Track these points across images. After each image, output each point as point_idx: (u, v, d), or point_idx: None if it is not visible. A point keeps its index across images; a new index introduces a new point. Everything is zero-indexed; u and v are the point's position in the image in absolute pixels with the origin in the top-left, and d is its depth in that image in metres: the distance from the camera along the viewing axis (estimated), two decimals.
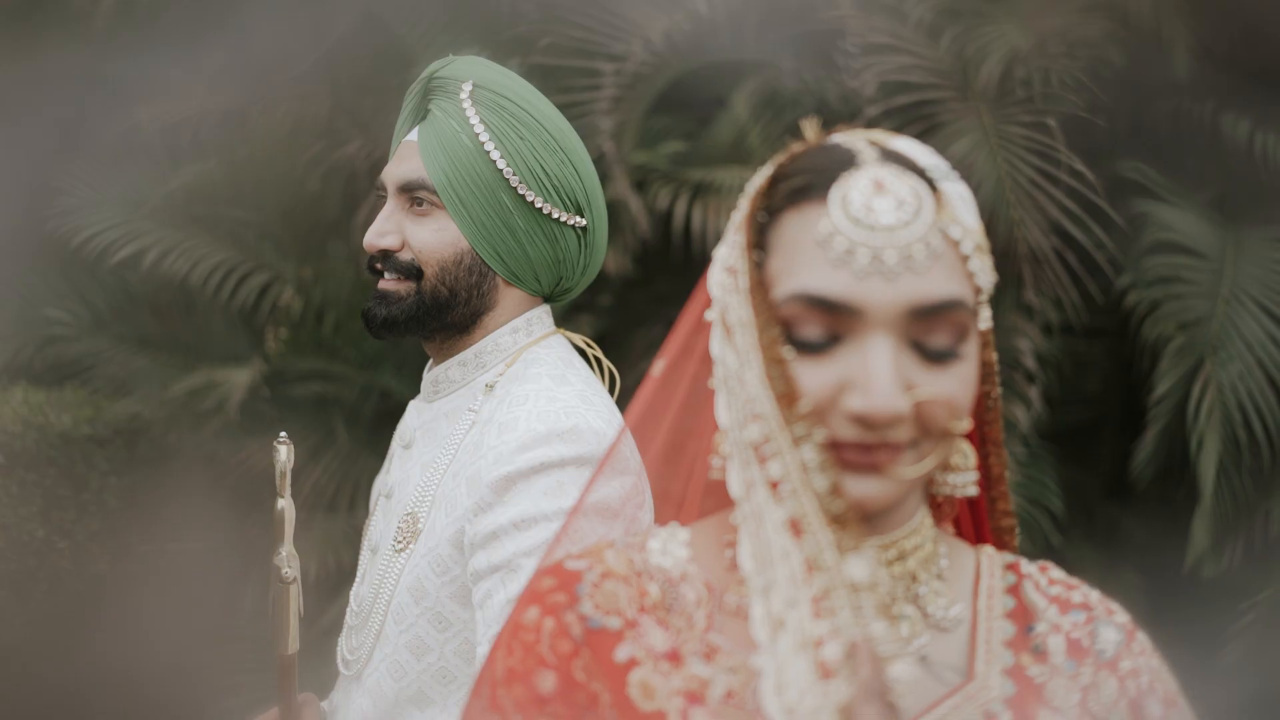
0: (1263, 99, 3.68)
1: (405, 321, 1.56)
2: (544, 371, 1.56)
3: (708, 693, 0.91)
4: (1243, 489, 3.47)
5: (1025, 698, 0.95)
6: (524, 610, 0.95)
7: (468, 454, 1.53)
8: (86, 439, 3.63)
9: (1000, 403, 1.03)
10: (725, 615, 0.94)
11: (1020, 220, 3.24)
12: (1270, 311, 3.50)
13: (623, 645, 0.93)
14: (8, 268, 4.14)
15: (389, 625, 1.53)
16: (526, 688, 0.92)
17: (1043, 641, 0.97)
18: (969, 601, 0.99)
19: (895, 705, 0.79)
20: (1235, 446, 3.41)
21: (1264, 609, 3.56)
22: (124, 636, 3.55)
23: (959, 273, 0.90)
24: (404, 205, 1.57)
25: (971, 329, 0.91)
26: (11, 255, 4.12)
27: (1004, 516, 1.05)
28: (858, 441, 0.88)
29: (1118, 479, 3.79)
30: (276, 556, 1.57)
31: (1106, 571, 3.97)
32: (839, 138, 0.94)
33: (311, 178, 3.98)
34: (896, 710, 0.79)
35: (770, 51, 3.72)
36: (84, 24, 4.07)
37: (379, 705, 1.53)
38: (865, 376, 0.87)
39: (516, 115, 1.55)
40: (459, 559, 1.49)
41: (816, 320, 0.89)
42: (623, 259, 3.62)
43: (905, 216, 0.88)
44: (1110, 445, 3.96)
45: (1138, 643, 1.00)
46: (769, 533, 0.88)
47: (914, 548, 0.96)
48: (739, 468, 0.91)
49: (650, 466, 1.03)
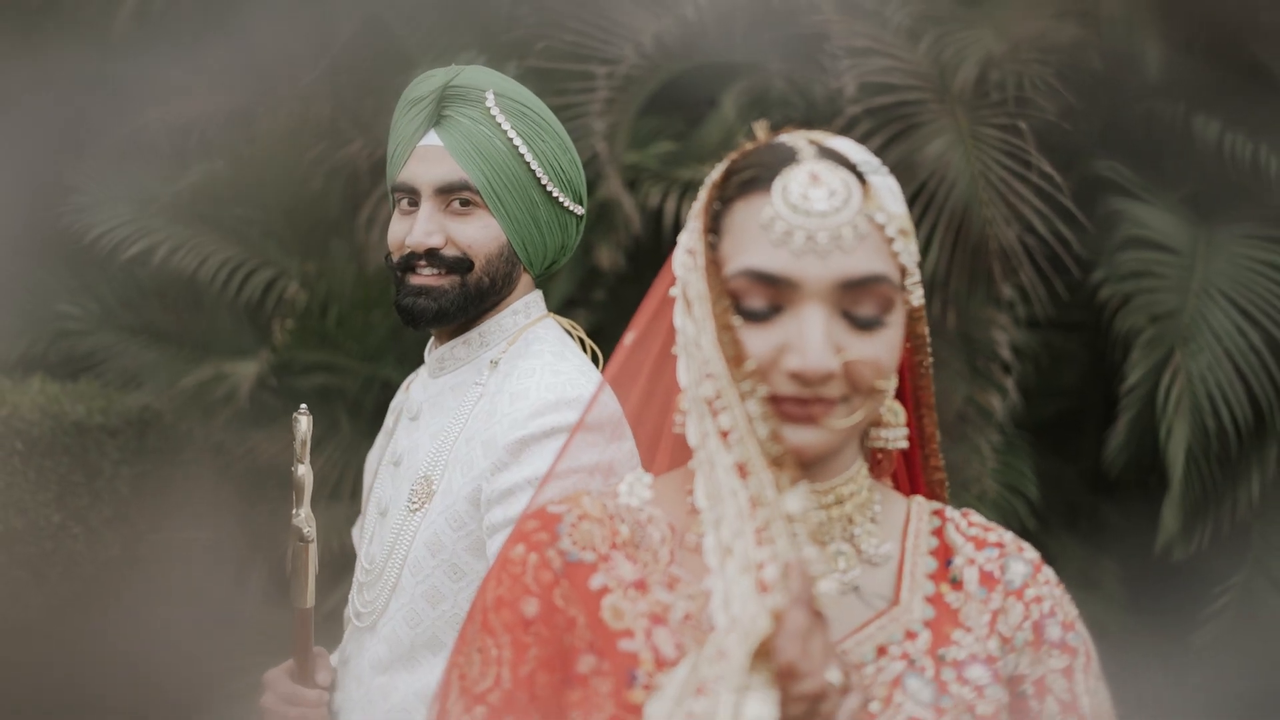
0: (1232, 101, 3.78)
1: (454, 312, 1.70)
2: (546, 349, 1.71)
3: (669, 615, 1.06)
4: (1211, 476, 3.56)
5: (942, 619, 1.09)
6: (512, 547, 1.10)
7: (480, 421, 1.67)
8: (99, 429, 3.72)
9: (931, 371, 1.17)
10: (685, 551, 1.09)
11: (992, 218, 3.34)
12: (1239, 305, 3.59)
13: (596, 575, 1.08)
14: (21, 264, 4.20)
15: (405, 577, 1.66)
16: (513, 612, 1.06)
17: (959, 573, 1.12)
18: (898, 540, 1.13)
19: (821, 613, 0.94)
20: (1204, 435, 3.50)
21: (1237, 592, 3.66)
22: (135, 618, 3.61)
23: (884, 252, 1.04)
24: (441, 205, 1.70)
25: (896, 301, 1.05)
26: (25, 252, 4.18)
27: (935, 471, 1.20)
28: (795, 396, 1.03)
29: (1097, 469, 3.86)
30: (295, 518, 1.71)
31: (1087, 560, 4.03)
32: (784, 137, 1.09)
33: (314, 177, 4.05)
34: (822, 617, 0.94)
35: (757, 54, 3.79)
36: (95, 30, 4.14)
37: (395, 651, 1.67)
38: (801, 340, 1.01)
39: (536, 120, 1.71)
40: (475, 515, 1.63)
41: (760, 293, 1.04)
42: (615, 255, 3.69)
43: (836, 204, 1.03)
44: (1090, 436, 4.04)
45: (1043, 575, 1.14)
46: (720, 475, 1.02)
47: (850, 494, 1.10)
48: (695, 420, 1.05)
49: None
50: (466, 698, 1.05)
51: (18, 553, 3.43)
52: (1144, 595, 3.95)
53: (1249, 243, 3.70)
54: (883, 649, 1.07)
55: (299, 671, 1.74)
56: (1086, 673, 1.11)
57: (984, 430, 3.67)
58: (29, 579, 3.42)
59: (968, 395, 3.69)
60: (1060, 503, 4.04)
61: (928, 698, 1.05)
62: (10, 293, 4.26)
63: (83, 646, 3.49)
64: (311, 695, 1.72)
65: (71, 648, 3.46)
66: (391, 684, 1.67)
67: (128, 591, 3.71)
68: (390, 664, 1.67)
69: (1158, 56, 3.73)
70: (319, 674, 1.74)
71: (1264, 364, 3.53)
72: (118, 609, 3.64)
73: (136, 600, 3.68)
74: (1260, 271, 3.63)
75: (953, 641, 1.08)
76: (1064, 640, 1.10)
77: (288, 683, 1.74)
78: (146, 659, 3.49)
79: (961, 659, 1.07)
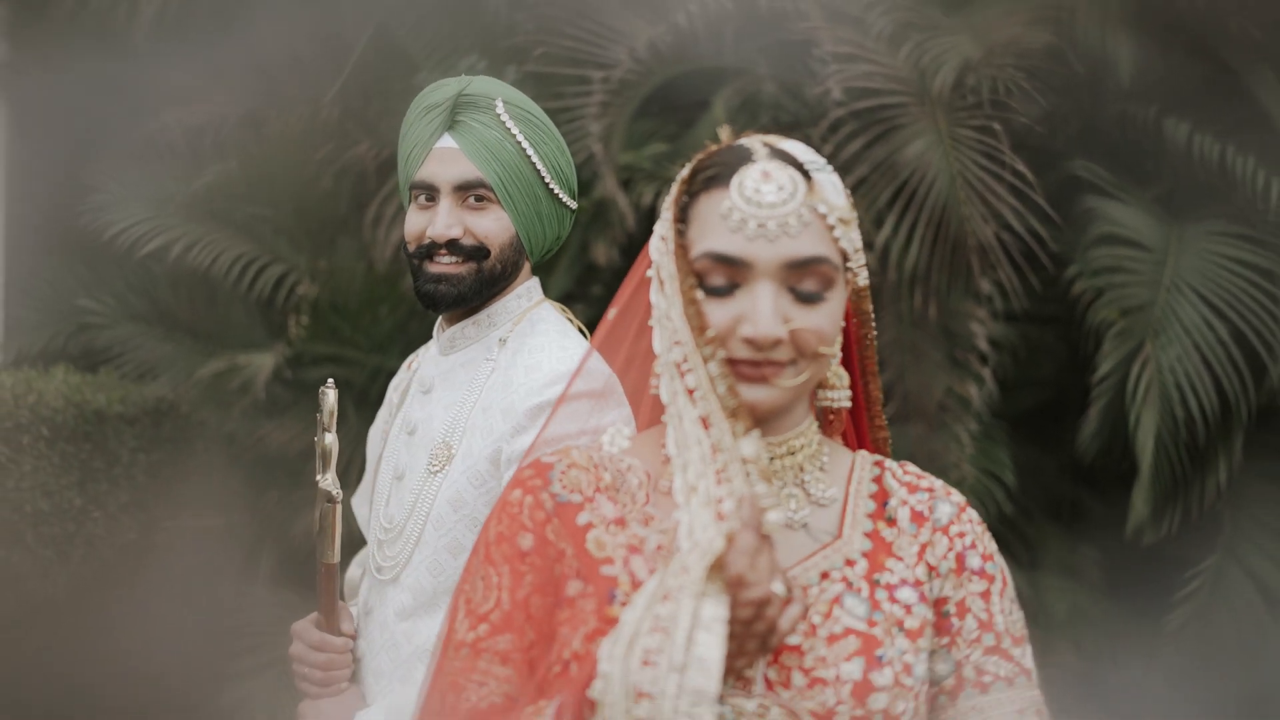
0: (1200, 105, 3.87)
1: (471, 296, 1.90)
2: (550, 328, 1.92)
3: (644, 545, 1.25)
4: (1180, 463, 3.66)
5: (877, 551, 1.28)
6: (510, 491, 1.28)
7: (496, 392, 1.86)
8: (118, 418, 3.79)
9: (875, 342, 1.35)
10: (659, 494, 1.27)
11: (969, 215, 3.47)
12: (1207, 299, 3.67)
13: (582, 513, 1.26)
14: (44, 260, 4.31)
15: (428, 532, 1.85)
16: (512, 546, 1.25)
17: (894, 512, 1.30)
18: (843, 486, 1.31)
19: (768, 536, 1.12)
20: (1173, 423, 3.59)
21: (1209, 576, 3.77)
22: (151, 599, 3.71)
23: (825, 238, 1.23)
24: (459, 201, 1.89)
25: (836, 279, 1.24)
26: (47, 248, 4.29)
27: (880, 430, 1.38)
28: (749, 359, 1.21)
29: (1076, 459, 3.96)
30: (323, 481, 1.89)
31: (1068, 549, 4.09)
32: (743, 140, 1.27)
33: (323, 176, 4.14)
34: (769, 539, 1.12)
35: (746, 60, 3.88)
36: (115, 38, 4.20)
37: (419, 598, 1.85)
38: (754, 312, 1.19)
39: (539, 125, 1.92)
40: (495, 473, 1.83)
41: (720, 272, 1.22)
42: (611, 251, 3.79)
43: (784, 197, 1.21)
44: (1069, 427, 4.08)
45: (966, 515, 1.32)
46: (687, 426, 1.21)
47: (801, 446, 1.29)
48: (666, 381, 1.24)
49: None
50: (471, 617, 1.24)
51: (44, 533, 3.51)
52: (1122, 581, 4.00)
53: (1217, 239, 3.79)
54: (825, 574, 1.25)
55: (325, 621, 1.92)
56: (1002, 596, 1.30)
57: (962, 419, 3.77)
58: (55, 558, 3.52)
59: (947, 386, 3.79)
60: (1041, 493, 4.14)
61: (862, 613, 1.23)
62: (33, 288, 4.36)
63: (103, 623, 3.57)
64: (338, 642, 1.90)
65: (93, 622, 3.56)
66: (415, 628, 1.85)
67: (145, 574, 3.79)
68: (414, 610, 1.85)
69: (1130, 62, 3.81)
70: (343, 624, 1.93)
71: (1230, 356, 3.63)
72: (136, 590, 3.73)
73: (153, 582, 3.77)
74: (1227, 267, 3.73)
75: (886, 569, 1.26)
76: (982, 569, 1.29)
77: (315, 632, 1.91)
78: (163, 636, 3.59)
79: (894, 583, 1.26)
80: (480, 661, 1.20)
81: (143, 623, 3.62)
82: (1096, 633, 4.01)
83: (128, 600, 3.69)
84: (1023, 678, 1.26)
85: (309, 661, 1.90)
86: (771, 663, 1.18)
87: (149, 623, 3.63)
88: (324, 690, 1.89)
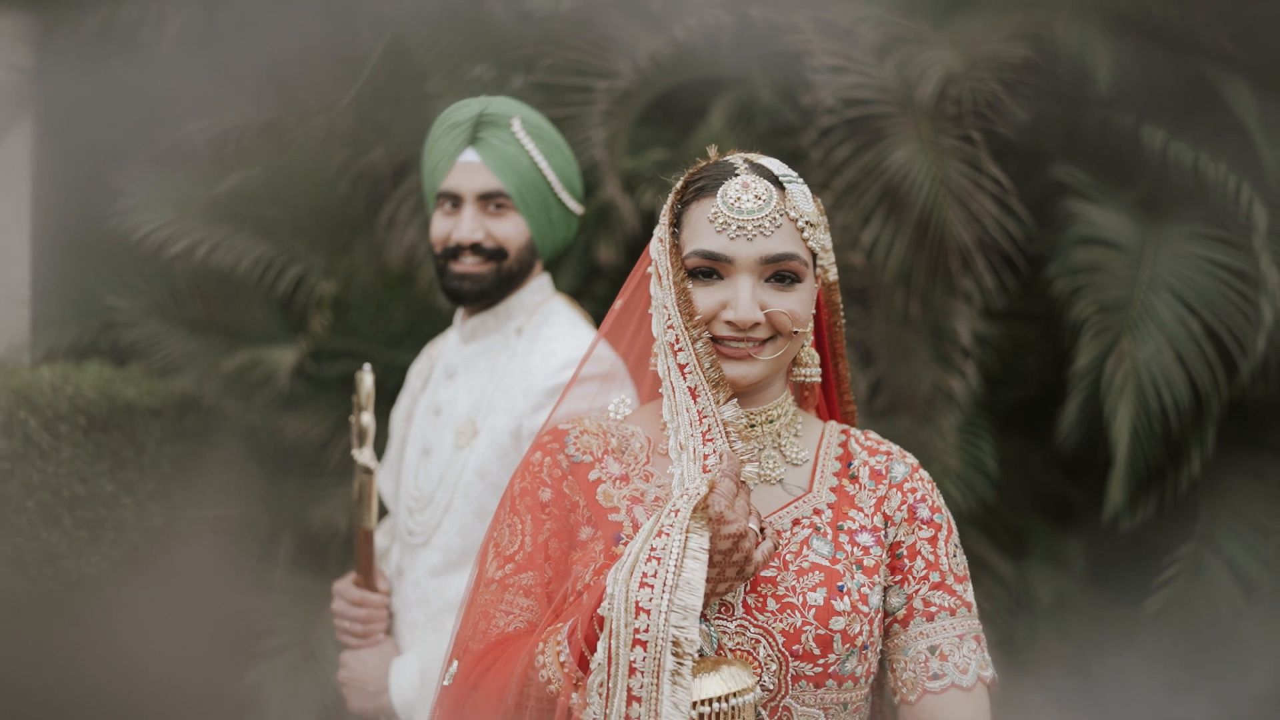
0: (1176, 113, 3.99)
1: (491, 292, 2.13)
2: (563, 319, 2.15)
3: (645, 497, 1.47)
4: (1154, 454, 3.76)
5: (841, 503, 1.51)
6: (531, 454, 1.51)
7: (515, 375, 2.09)
8: (147, 410, 3.92)
9: (843, 329, 1.57)
10: (658, 455, 1.50)
11: (950, 219, 3.59)
12: (1181, 297, 3.76)
13: (593, 471, 1.49)
14: (74, 261, 4.43)
15: (457, 499, 2.06)
16: (533, 498, 1.47)
17: (857, 471, 1.53)
18: (814, 449, 1.54)
19: (745, 484, 1.34)
20: (1148, 416, 3.68)
21: (1186, 562, 3.88)
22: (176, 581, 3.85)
23: (796, 238, 1.45)
24: (482, 208, 2.11)
25: (805, 272, 1.45)
26: (77, 250, 4.40)
27: (848, 404, 1.61)
28: (731, 338, 1.44)
29: (1059, 451, 4.04)
30: (360, 456, 2.10)
31: (1051, 537, 4.20)
32: (728, 157, 1.50)
33: (340, 181, 4.25)
34: (745, 486, 1.34)
35: (742, 70, 3.99)
36: (143, 49, 4.31)
37: (449, 558, 2.07)
38: (735, 299, 1.43)
39: (550, 140, 2.15)
40: (516, 446, 2.06)
41: (707, 267, 1.45)
42: (614, 252, 3.90)
43: (760, 204, 1.44)
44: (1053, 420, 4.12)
45: (919, 474, 1.54)
46: (678, 396, 1.44)
47: (778, 415, 1.51)
48: (661, 358, 1.47)
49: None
50: (499, 558, 1.46)
51: (79, 516, 3.66)
52: (1105, 569, 4.13)
53: (1192, 240, 3.88)
54: (797, 521, 1.48)
55: (364, 580, 2.13)
56: (947, 542, 1.52)
57: (948, 412, 3.89)
58: (89, 540, 3.66)
59: (933, 381, 3.91)
60: (1027, 485, 4.26)
61: (826, 552, 1.46)
62: (64, 287, 4.47)
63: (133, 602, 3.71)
64: (375, 598, 2.12)
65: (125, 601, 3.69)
66: (446, 584, 2.06)
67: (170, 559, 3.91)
68: (445, 569, 2.07)
69: (1109, 72, 3.89)
70: (379, 582, 2.14)
71: (1203, 351, 3.73)
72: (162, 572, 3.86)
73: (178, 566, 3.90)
74: (1201, 267, 3.82)
75: (848, 517, 1.49)
76: (931, 518, 1.51)
77: (355, 589, 2.13)
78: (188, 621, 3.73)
79: (854, 529, 1.49)
80: (507, 594, 1.43)
81: (169, 605, 3.75)
82: (1081, 619, 4.12)
83: (155, 581, 3.82)
84: (964, 609, 1.47)
85: (350, 616, 2.12)
86: (749, 591, 1.41)
87: (174, 605, 3.75)
88: (363, 641, 2.11)
